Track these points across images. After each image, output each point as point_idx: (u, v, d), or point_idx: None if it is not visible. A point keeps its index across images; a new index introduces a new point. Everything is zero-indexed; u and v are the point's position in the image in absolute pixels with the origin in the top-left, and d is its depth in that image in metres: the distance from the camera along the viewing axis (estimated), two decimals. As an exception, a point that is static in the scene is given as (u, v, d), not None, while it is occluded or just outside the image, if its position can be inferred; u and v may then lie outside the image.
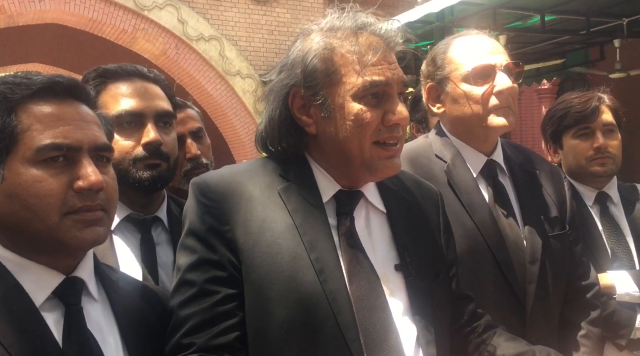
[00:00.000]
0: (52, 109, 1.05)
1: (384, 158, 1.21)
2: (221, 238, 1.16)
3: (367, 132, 1.18)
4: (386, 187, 1.31)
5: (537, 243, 1.62)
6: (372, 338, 1.13)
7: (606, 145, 2.05)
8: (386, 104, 1.20)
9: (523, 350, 1.30)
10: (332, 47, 1.21)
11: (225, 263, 1.15)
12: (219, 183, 1.21)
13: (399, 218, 1.28)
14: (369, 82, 1.18)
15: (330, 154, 1.24)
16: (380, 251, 1.23)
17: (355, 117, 1.18)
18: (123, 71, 1.55)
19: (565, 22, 6.39)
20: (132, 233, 1.51)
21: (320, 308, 1.12)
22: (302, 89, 1.21)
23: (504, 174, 1.70)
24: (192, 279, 1.15)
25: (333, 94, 1.19)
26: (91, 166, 1.04)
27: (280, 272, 1.13)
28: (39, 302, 1.02)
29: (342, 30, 1.23)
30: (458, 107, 1.64)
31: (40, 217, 1.01)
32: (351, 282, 1.15)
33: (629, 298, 1.98)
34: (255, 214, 1.18)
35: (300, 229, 1.16)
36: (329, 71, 1.20)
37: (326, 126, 1.21)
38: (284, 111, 1.24)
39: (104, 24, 9.85)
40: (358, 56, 1.19)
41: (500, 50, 1.65)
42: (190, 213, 1.21)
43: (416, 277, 1.22)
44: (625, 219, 2.10)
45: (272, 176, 1.23)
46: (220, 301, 1.13)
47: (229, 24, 10.61)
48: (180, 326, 1.14)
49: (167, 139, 1.54)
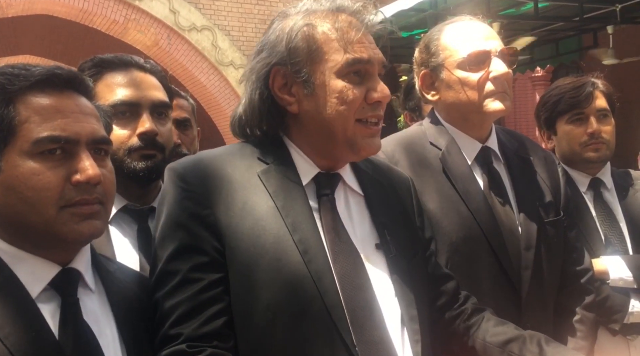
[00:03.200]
0: (51, 101, 1.05)
1: (366, 136, 1.22)
2: (202, 222, 1.15)
3: (351, 109, 1.19)
4: (362, 170, 1.33)
5: (532, 229, 1.62)
6: (357, 316, 1.14)
7: (600, 130, 2.06)
8: (368, 82, 1.21)
9: (513, 335, 1.31)
10: (314, 24, 1.21)
11: (208, 248, 1.14)
12: (197, 167, 1.20)
13: (376, 199, 1.30)
14: (351, 58, 1.19)
15: (312, 133, 1.24)
16: (361, 232, 1.25)
17: (339, 94, 1.19)
18: (119, 60, 1.54)
19: (558, 9, 6.38)
20: (128, 223, 1.50)
21: (306, 289, 1.13)
22: (286, 66, 1.21)
23: (499, 161, 1.70)
24: (175, 268, 1.14)
25: (316, 71, 1.20)
26: (89, 160, 1.04)
27: (265, 254, 1.13)
28: (35, 294, 1.02)
29: (321, 11, 1.24)
30: (453, 93, 1.64)
31: (37, 210, 1.00)
32: (335, 262, 1.16)
33: (622, 283, 1.99)
34: (236, 197, 1.17)
35: (282, 211, 1.17)
36: (311, 48, 1.20)
37: (309, 103, 1.21)
38: (264, 91, 1.24)
39: (94, 15, 9.76)
40: (340, 33, 1.20)
41: (494, 35, 1.64)
42: (169, 199, 1.18)
43: (396, 255, 1.24)
44: (619, 205, 2.11)
45: (251, 159, 1.23)
46: (205, 288, 1.12)
47: (222, 13, 10.54)
48: (167, 318, 1.12)
49: (163, 129, 1.53)
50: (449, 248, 1.51)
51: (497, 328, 1.33)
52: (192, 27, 10.27)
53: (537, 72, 10.81)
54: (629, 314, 1.98)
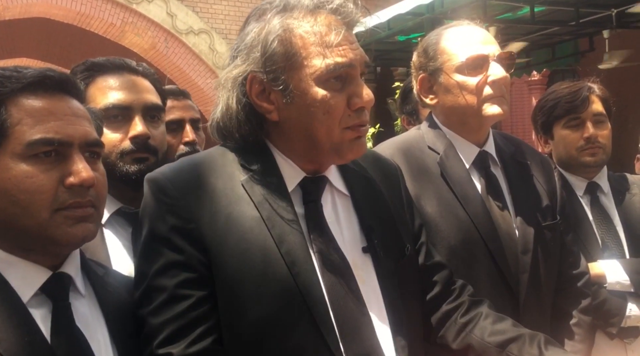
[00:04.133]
0: (43, 103, 1.04)
1: (352, 139, 1.16)
2: (187, 237, 1.10)
3: (335, 119, 1.13)
4: (347, 168, 1.27)
5: (529, 233, 1.62)
6: (347, 328, 1.11)
7: (596, 135, 2.06)
8: (350, 87, 1.15)
9: (513, 335, 1.27)
10: (291, 28, 1.13)
11: (194, 263, 1.09)
12: (179, 178, 1.14)
13: (363, 199, 1.25)
14: (332, 64, 1.11)
15: (294, 141, 1.18)
16: (348, 235, 1.21)
17: (320, 103, 1.12)
18: (111, 64, 1.53)
19: (554, 13, 6.41)
20: (122, 226, 1.49)
21: (294, 303, 1.09)
22: (261, 74, 1.14)
23: (496, 165, 1.70)
24: (162, 284, 1.09)
25: (295, 78, 1.13)
26: (82, 162, 1.03)
27: (251, 268, 1.09)
28: (26, 298, 1.01)
29: (299, 9, 1.15)
30: (452, 97, 1.64)
31: (30, 213, 0.99)
32: (323, 273, 1.13)
33: (619, 287, 2.00)
34: (220, 208, 1.12)
35: (268, 222, 1.12)
36: (288, 54, 1.12)
37: (289, 112, 1.15)
38: (242, 98, 1.17)
39: (92, 18, 9.75)
40: (319, 37, 1.12)
41: (492, 40, 1.65)
42: (150, 213, 1.13)
43: (384, 257, 1.21)
44: (616, 209, 2.11)
45: (233, 166, 1.17)
46: (194, 305, 1.08)
47: (219, 17, 10.55)
48: (155, 336, 1.08)
49: (155, 132, 1.53)
50: (447, 252, 1.51)
51: (496, 325, 1.29)
52: (190, 30, 10.27)
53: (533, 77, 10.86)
54: (626, 318, 1.98)
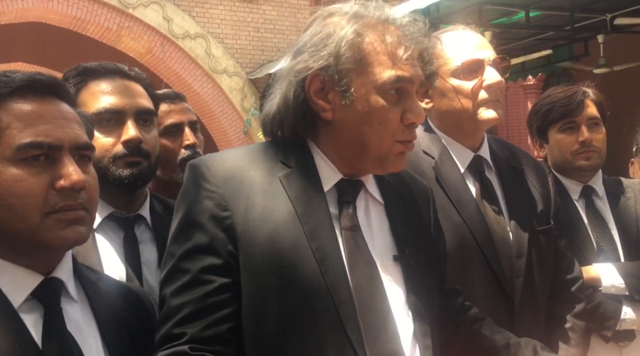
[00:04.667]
0: (32, 107, 1.03)
1: (398, 154, 1.20)
2: (220, 224, 1.12)
3: (389, 130, 1.16)
4: (383, 179, 1.29)
5: (523, 237, 1.62)
6: (371, 329, 1.11)
7: (591, 139, 2.07)
8: (406, 102, 1.17)
9: (510, 341, 1.31)
10: (363, 33, 1.16)
11: (222, 250, 1.11)
12: (221, 167, 1.17)
13: (396, 209, 1.26)
14: (396, 76, 1.15)
15: (342, 143, 1.20)
16: (379, 242, 1.22)
17: (377, 112, 1.15)
18: (103, 68, 1.53)
19: (549, 18, 6.44)
20: (114, 231, 1.49)
21: (321, 299, 1.10)
22: (326, 73, 1.16)
23: (491, 170, 1.70)
24: (186, 267, 1.11)
25: (357, 82, 1.16)
26: (73, 165, 1.02)
27: (281, 261, 1.10)
28: (17, 304, 1.00)
29: (369, 18, 1.18)
30: (447, 101, 1.64)
31: (21, 217, 0.99)
32: (351, 272, 1.13)
33: (614, 290, 2.00)
34: (256, 201, 1.14)
35: (302, 217, 1.13)
36: (357, 58, 1.15)
37: (345, 114, 1.17)
38: (300, 93, 1.19)
39: (88, 22, 9.76)
40: (388, 48, 1.15)
41: (487, 45, 1.66)
42: (189, 196, 1.16)
43: (414, 268, 1.21)
44: (611, 213, 2.12)
45: (273, 162, 1.20)
46: (215, 291, 1.10)
47: (215, 21, 10.56)
48: (172, 316, 1.10)
49: (148, 136, 1.52)
50: (441, 256, 1.51)
51: (495, 334, 1.33)
52: (186, 34, 10.28)
53: (528, 81, 10.90)
54: (621, 321, 1.99)
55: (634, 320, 1.99)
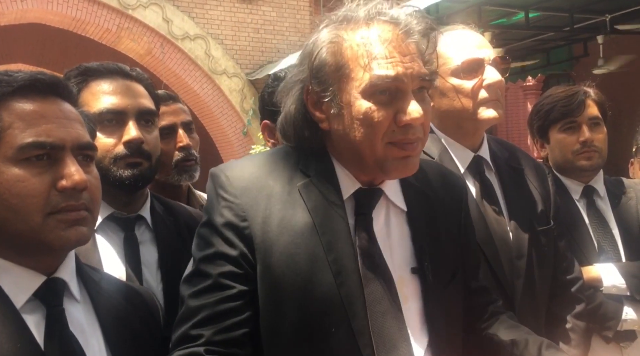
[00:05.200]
0: (34, 106, 1.03)
1: (398, 158, 1.14)
2: (239, 234, 1.13)
3: (378, 133, 1.11)
4: (408, 182, 1.24)
5: (523, 238, 1.62)
6: (384, 344, 1.11)
7: (592, 139, 2.07)
8: (398, 102, 1.11)
9: (518, 337, 1.28)
10: (341, 39, 1.13)
11: (241, 259, 1.12)
12: (240, 176, 1.18)
13: (420, 216, 1.23)
14: (375, 77, 1.09)
15: (343, 151, 1.19)
16: (398, 253, 1.20)
17: (363, 116, 1.11)
18: (105, 68, 1.53)
19: (549, 19, 6.45)
20: (115, 232, 1.48)
21: (335, 312, 1.10)
22: (311, 84, 1.16)
23: (490, 170, 1.70)
24: (207, 271, 1.13)
25: (342, 90, 1.13)
26: (75, 165, 1.02)
27: (297, 273, 1.11)
28: (19, 304, 1.00)
29: (354, 20, 1.14)
30: (447, 101, 1.64)
31: (22, 217, 0.98)
32: (366, 285, 1.12)
33: (615, 291, 2.00)
34: (274, 211, 1.14)
35: (320, 228, 1.13)
36: (337, 66, 1.13)
37: (337, 123, 1.16)
38: (299, 106, 1.19)
39: (87, 24, 9.75)
40: (367, 49, 1.10)
41: (487, 44, 1.65)
42: (211, 205, 1.19)
43: (432, 281, 1.19)
44: (612, 213, 2.12)
45: (293, 170, 1.19)
46: (233, 296, 1.11)
47: (215, 22, 10.56)
48: (191, 317, 1.11)
49: (149, 137, 1.52)
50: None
51: (508, 329, 1.30)
52: (186, 36, 10.27)
53: (528, 82, 10.91)
54: (622, 321, 1.98)
55: (635, 321, 1.99)
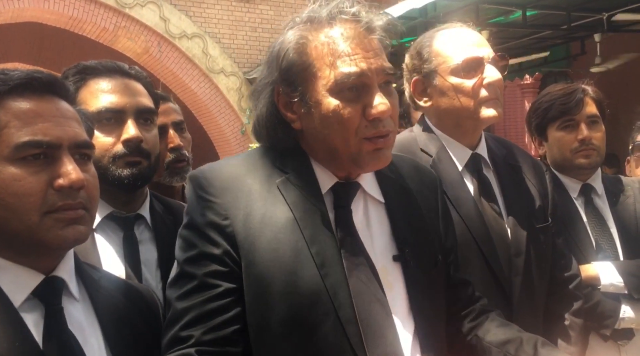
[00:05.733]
0: (31, 105, 1.03)
1: (372, 151, 1.17)
2: (221, 232, 1.14)
3: (349, 129, 1.15)
4: (384, 175, 1.28)
5: (521, 235, 1.62)
6: (371, 332, 1.13)
7: (590, 137, 2.06)
8: (365, 97, 1.15)
9: (512, 336, 1.29)
10: (306, 40, 1.16)
11: (225, 257, 1.14)
12: (218, 177, 1.19)
13: (398, 207, 1.27)
14: (341, 74, 1.13)
15: (317, 149, 1.22)
16: (379, 243, 1.22)
17: (333, 114, 1.14)
18: (103, 67, 1.52)
19: (546, 17, 6.45)
20: (114, 231, 1.48)
21: (321, 303, 1.12)
22: (281, 85, 1.18)
23: (488, 168, 1.70)
24: (192, 272, 1.14)
25: (310, 89, 1.16)
26: (72, 164, 1.02)
27: (282, 267, 1.12)
28: (18, 303, 0.99)
29: (317, 20, 1.18)
30: (447, 100, 1.64)
31: (19, 216, 0.98)
32: (350, 276, 1.15)
33: (613, 289, 2.00)
34: (255, 208, 1.16)
35: (301, 222, 1.15)
36: (304, 66, 1.16)
37: (309, 122, 1.19)
38: (270, 107, 1.22)
39: (84, 22, 9.72)
40: (330, 47, 1.14)
41: (485, 42, 1.65)
42: (191, 207, 1.20)
43: (414, 268, 1.22)
44: (610, 211, 2.12)
45: (271, 169, 1.22)
46: (220, 294, 1.12)
47: (212, 21, 10.54)
48: (179, 319, 1.12)
49: (148, 136, 1.51)
50: (440, 254, 1.51)
51: (499, 328, 1.32)
52: (183, 34, 10.25)
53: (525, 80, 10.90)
54: (620, 319, 1.99)
55: (633, 319, 1.99)
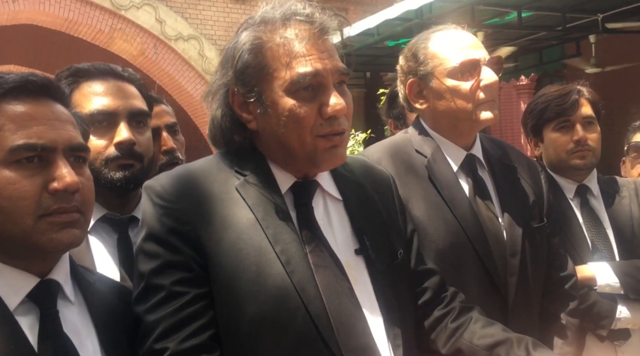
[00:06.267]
0: (26, 108, 1.02)
1: (327, 148, 1.19)
2: (183, 238, 1.13)
3: (305, 127, 1.16)
4: (340, 174, 1.31)
5: (516, 235, 1.63)
6: (342, 324, 1.14)
7: (586, 138, 2.07)
8: (322, 96, 1.17)
9: (501, 338, 1.29)
10: (261, 41, 1.18)
11: (190, 263, 1.13)
12: (174, 183, 1.18)
13: (355, 203, 1.28)
14: (297, 74, 1.14)
15: (273, 149, 1.22)
16: (340, 238, 1.24)
17: (289, 113, 1.16)
18: (96, 69, 1.52)
19: (541, 19, 6.47)
20: (108, 233, 1.48)
21: (290, 300, 1.12)
22: (236, 86, 1.19)
23: (483, 168, 1.70)
24: (158, 283, 1.12)
25: (266, 90, 1.17)
26: (66, 167, 1.02)
27: (247, 268, 1.12)
28: (12, 306, 0.99)
29: (272, 21, 1.19)
30: (444, 102, 1.64)
31: (14, 220, 0.98)
32: (317, 272, 1.15)
33: (609, 289, 2.00)
34: (215, 211, 1.16)
35: (263, 222, 1.15)
36: (259, 66, 1.17)
37: (264, 122, 1.20)
38: (225, 109, 1.22)
39: (80, 24, 9.71)
40: (285, 48, 1.16)
41: (480, 44, 1.65)
42: (148, 216, 1.17)
43: (376, 259, 1.23)
44: (605, 212, 2.12)
45: (228, 172, 1.22)
46: (190, 301, 1.11)
47: (208, 23, 10.54)
48: (151, 332, 1.10)
49: (141, 138, 1.51)
50: (435, 255, 1.50)
51: (485, 329, 1.32)
52: (179, 36, 10.25)
53: (521, 81, 10.94)
54: (616, 320, 1.99)
55: (629, 319, 2.00)
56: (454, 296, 1.38)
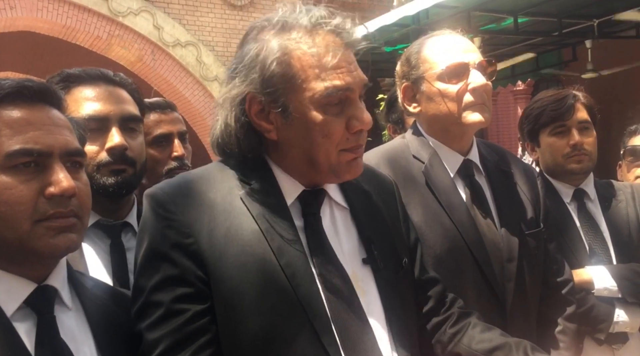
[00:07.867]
0: (22, 113, 1.03)
1: (350, 161, 1.18)
2: (185, 252, 1.10)
3: (333, 142, 1.15)
4: (346, 182, 1.28)
5: (513, 241, 1.63)
6: (349, 339, 1.11)
7: (582, 142, 2.08)
8: (349, 110, 1.15)
9: (499, 342, 1.29)
10: (289, 49, 1.14)
11: (191, 278, 1.10)
12: (177, 193, 1.15)
13: (361, 211, 1.26)
14: (329, 87, 1.12)
15: (293, 160, 1.19)
16: (347, 248, 1.22)
17: (319, 127, 1.13)
18: (87, 74, 1.51)
19: (537, 24, 6.49)
20: (101, 239, 1.47)
21: (295, 315, 1.09)
22: (260, 95, 1.15)
23: (480, 174, 1.71)
24: (158, 299, 1.09)
25: (294, 100, 1.13)
26: (63, 172, 1.02)
27: (251, 281, 1.09)
28: (9, 312, 0.99)
29: (297, 29, 1.15)
30: (434, 105, 1.65)
31: (10, 225, 0.98)
32: (323, 284, 1.13)
33: (607, 293, 2.00)
34: (218, 223, 1.13)
35: (267, 234, 1.12)
36: (287, 76, 1.13)
37: (288, 133, 1.16)
38: (241, 116, 1.18)
39: (77, 31, 9.72)
40: (316, 59, 1.12)
41: (473, 48, 1.66)
42: (149, 227, 1.14)
43: (384, 269, 1.21)
44: (602, 216, 2.13)
45: (232, 181, 1.18)
46: (191, 319, 1.08)
47: (206, 29, 10.56)
48: (151, 351, 1.08)
49: (133, 143, 1.50)
50: (433, 260, 1.51)
51: (483, 334, 1.31)
52: (177, 42, 10.27)
53: (518, 86, 10.98)
54: (614, 323, 1.99)
55: (627, 323, 2.00)
56: (453, 302, 1.38)
